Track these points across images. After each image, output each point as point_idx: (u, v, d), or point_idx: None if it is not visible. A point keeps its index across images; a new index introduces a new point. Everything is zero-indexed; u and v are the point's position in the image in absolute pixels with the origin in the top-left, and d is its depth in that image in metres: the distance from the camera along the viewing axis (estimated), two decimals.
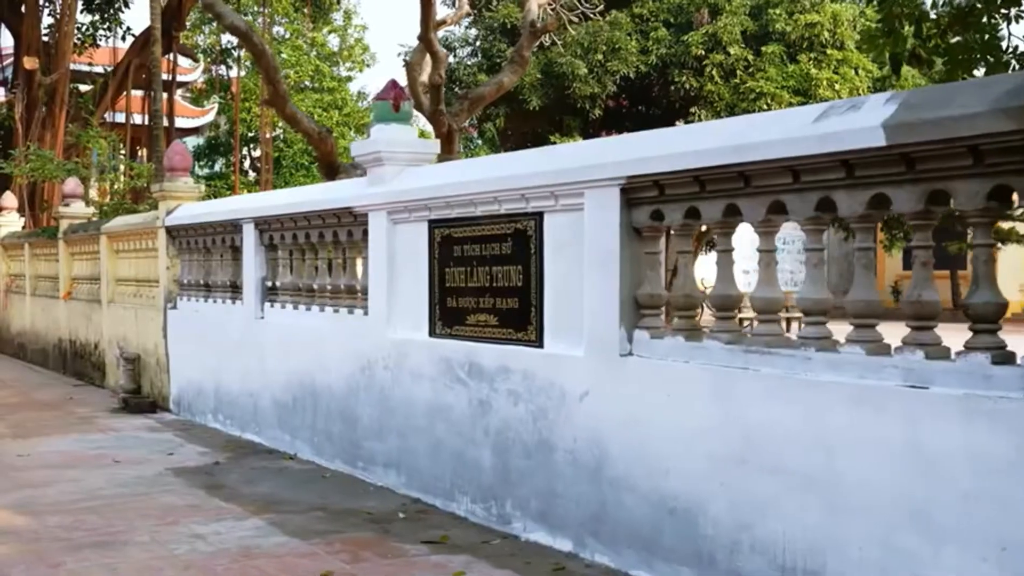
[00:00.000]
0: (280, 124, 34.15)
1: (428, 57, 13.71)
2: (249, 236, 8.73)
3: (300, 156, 35.07)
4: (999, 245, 20.06)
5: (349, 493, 6.64)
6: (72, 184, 14.61)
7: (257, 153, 37.50)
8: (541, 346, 5.47)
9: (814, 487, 3.94)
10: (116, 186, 17.21)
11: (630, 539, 4.80)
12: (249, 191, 28.65)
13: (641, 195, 4.81)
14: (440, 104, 13.48)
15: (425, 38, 13.14)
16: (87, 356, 13.26)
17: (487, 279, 5.91)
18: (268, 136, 29.09)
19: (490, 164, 6.10)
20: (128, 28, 24.08)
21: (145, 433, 9.17)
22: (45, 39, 22.49)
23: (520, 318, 5.63)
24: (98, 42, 23.98)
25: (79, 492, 6.68)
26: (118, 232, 12.09)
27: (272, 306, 8.53)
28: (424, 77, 13.84)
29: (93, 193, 18.87)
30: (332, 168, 12.67)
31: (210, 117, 38.45)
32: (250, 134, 35.49)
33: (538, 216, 5.49)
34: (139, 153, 25.14)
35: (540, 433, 5.40)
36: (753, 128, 4.23)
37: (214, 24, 35.61)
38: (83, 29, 23.45)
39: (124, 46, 24.20)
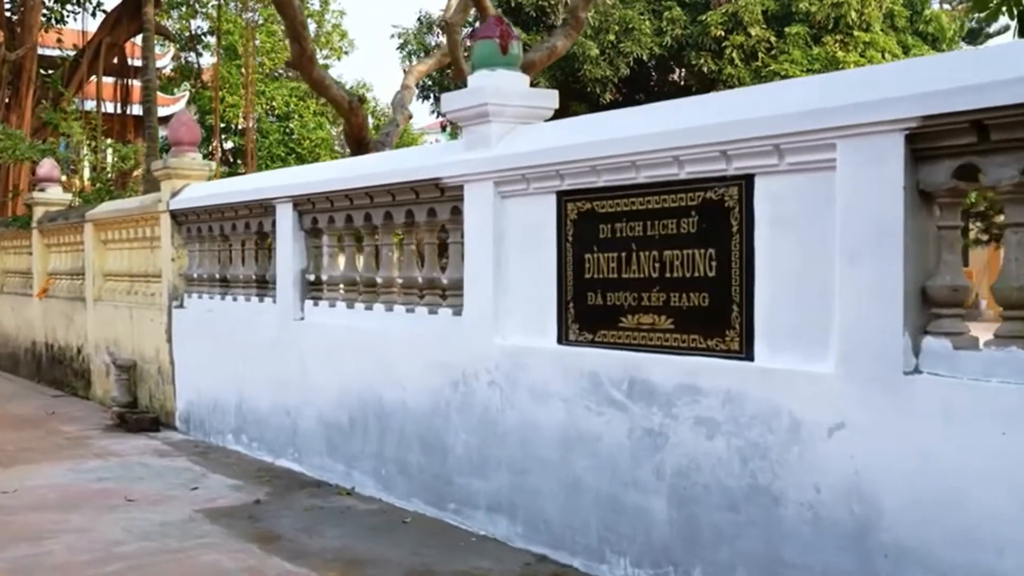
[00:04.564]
0: (256, 113, 32.41)
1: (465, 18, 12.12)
2: (285, 219, 7.16)
3: (276, 147, 33.34)
4: None
5: (447, 547, 5.12)
6: (48, 166, 12.79)
7: (228, 145, 35.62)
8: (750, 358, 4.01)
9: None
10: (98, 170, 15.38)
11: None
12: None
13: (941, 144, 3.36)
14: None
15: None
16: (67, 362, 11.56)
17: (655, 268, 4.43)
18: (249, 125, 27.22)
19: (664, 112, 4.60)
20: (99, 3, 22.16)
21: (154, 459, 7.56)
22: (8, 14, 20.54)
23: (713, 320, 4.16)
24: (66, 19, 22.05)
25: (93, 549, 5.09)
26: (107, 219, 10.41)
27: (316, 304, 6.97)
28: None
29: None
30: (361, 143, 11.04)
31: (180, 106, 36.41)
32: (221, 124, 33.55)
33: (744, 180, 4.02)
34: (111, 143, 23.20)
35: (754, 477, 3.93)
36: None
37: (184, 8, 33.87)
38: (49, 4, 21.50)
39: (94, 28, 22.28)
